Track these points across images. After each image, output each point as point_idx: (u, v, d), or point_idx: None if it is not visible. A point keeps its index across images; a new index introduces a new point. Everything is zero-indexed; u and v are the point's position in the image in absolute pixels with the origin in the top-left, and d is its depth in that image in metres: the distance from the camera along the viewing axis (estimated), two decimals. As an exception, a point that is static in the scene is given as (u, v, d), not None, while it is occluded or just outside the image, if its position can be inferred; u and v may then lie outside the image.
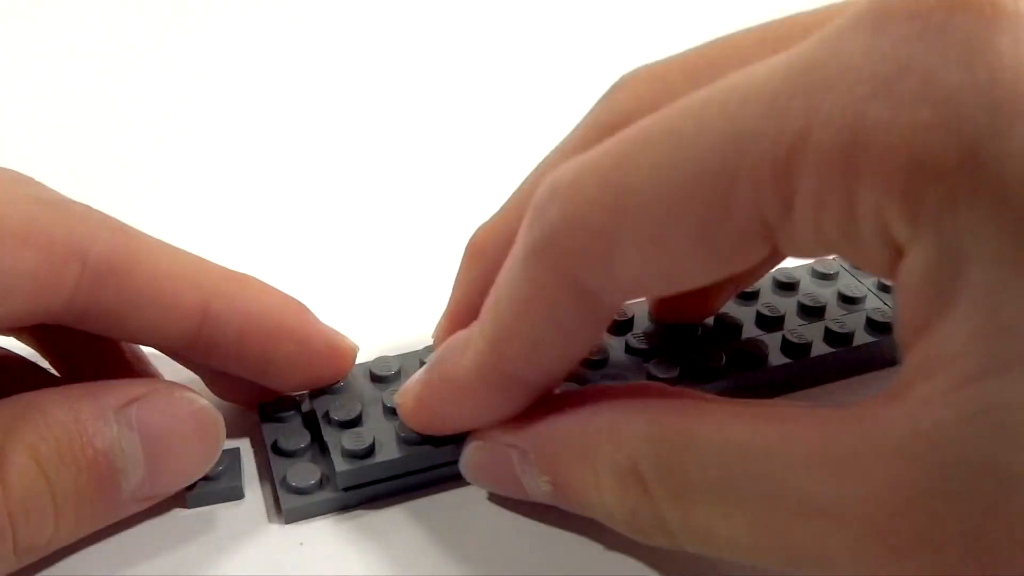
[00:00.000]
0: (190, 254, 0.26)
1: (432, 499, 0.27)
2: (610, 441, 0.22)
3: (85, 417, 0.22)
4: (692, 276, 0.20)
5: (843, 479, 0.18)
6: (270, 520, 0.26)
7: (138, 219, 0.26)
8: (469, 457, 0.25)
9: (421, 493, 0.27)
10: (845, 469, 0.18)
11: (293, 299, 0.27)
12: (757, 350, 0.29)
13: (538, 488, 0.24)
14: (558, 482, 0.23)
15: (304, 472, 0.26)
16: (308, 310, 0.27)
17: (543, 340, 0.22)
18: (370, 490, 0.26)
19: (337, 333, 0.28)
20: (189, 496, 0.26)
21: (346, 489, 0.26)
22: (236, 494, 0.26)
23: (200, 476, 0.25)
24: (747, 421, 0.20)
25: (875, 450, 0.18)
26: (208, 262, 0.26)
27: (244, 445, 0.28)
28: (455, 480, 0.27)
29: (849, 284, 0.32)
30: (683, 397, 0.22)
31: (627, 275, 0.20)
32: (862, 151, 0.17)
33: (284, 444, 0.27)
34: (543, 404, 0.24)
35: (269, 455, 0.27)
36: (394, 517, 0.26)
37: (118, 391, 0.23)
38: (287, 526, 0.26)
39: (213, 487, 0.26)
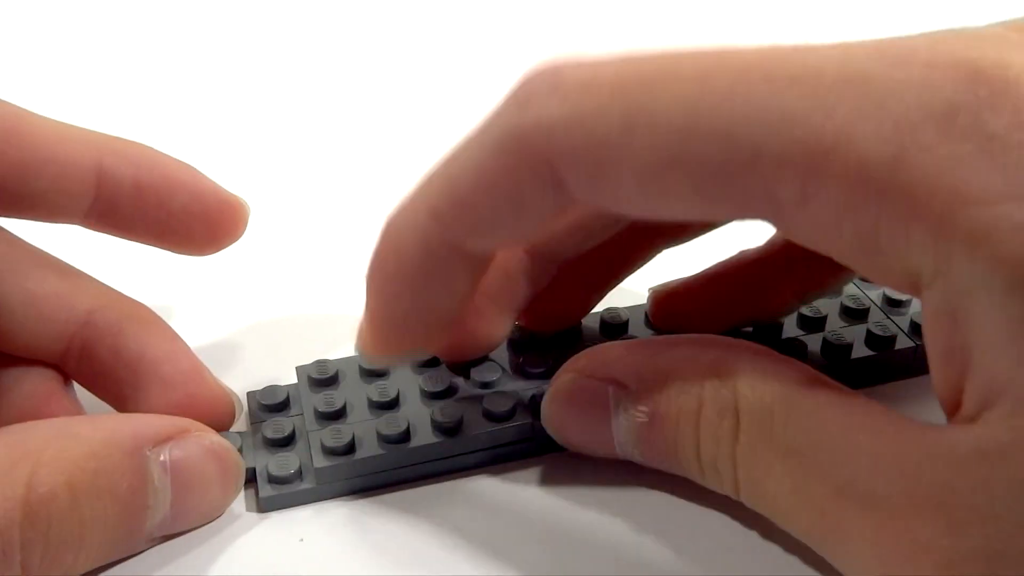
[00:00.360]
0: (73, 125, 0.26)
1: (430, 490, 0.27)
2: (718, 376, 0.22)
3: (124, 451, 0.22)
4: (679, 214, 0.20)
5: (894, 476, 0.19)
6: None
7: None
8: (560, 388, 0.25)
9: (411, 485, 0.27)
10: (900, 468, 0.19)
11: (179, 159, 0.28)
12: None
13: (631, 422, 0.24)
14: (658, 413, 0.23)
15: (283, 462, 0.26)
16: (195, 167, 0.28)
17: (500, 217, 0.22)
18: (348, 484, 0.26)
19: (226, 189, 0.28)
20: None
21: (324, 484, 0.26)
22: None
23: (216, 517, 0.25)
24: (841, 403, 0.21)
25: (935, 459, 0.19)
26: (92, 129, 0.27)
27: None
28: (437, 476, 0.27)
29: (854, 295, 0.31)
30: (783, 358, 0.23)
31: (613, 191, 0.20)
32: (903, 172, 0.17)
33: (268, 432, 0.27)
34: (643, 343, 0.25)
35: (253, 443, 0.27)
36: (394, 514, 0.26)
37: (152, 427, 0.23)
38: (285, 521, 0.25)
39: None
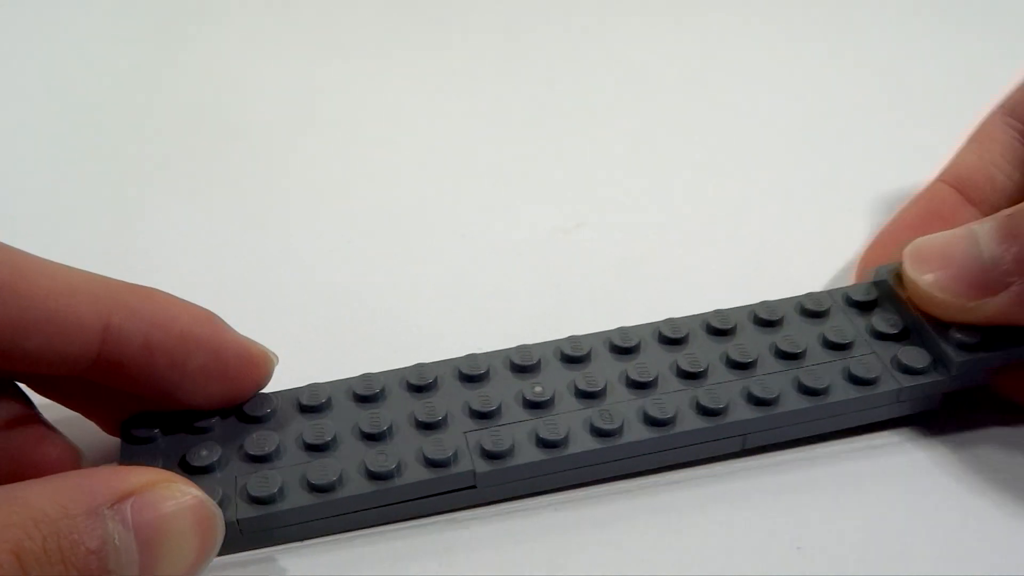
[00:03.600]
0: (85, 271, 0.25)
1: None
2: None
3: (76, 512, 0.20)
4: None
5: None
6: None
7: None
8: None
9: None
10: None
11: (202, 308, 0.26)
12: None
13: None
14: None
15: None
16: (219, 318, 0.26)
17: None
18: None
19: (252, 341, 0.27)
20: None
21: None
22: None
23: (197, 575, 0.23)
24: None
25: None
26: (106, 277, 0.25)
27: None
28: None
29: (838, 325, 0.29)
30: None
31: None
32: None
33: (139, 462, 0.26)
34: None
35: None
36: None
37: (110, 483, 0.21)
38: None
39: None
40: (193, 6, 0.55)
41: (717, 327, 0.29)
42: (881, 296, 0.29)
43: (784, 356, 0.28)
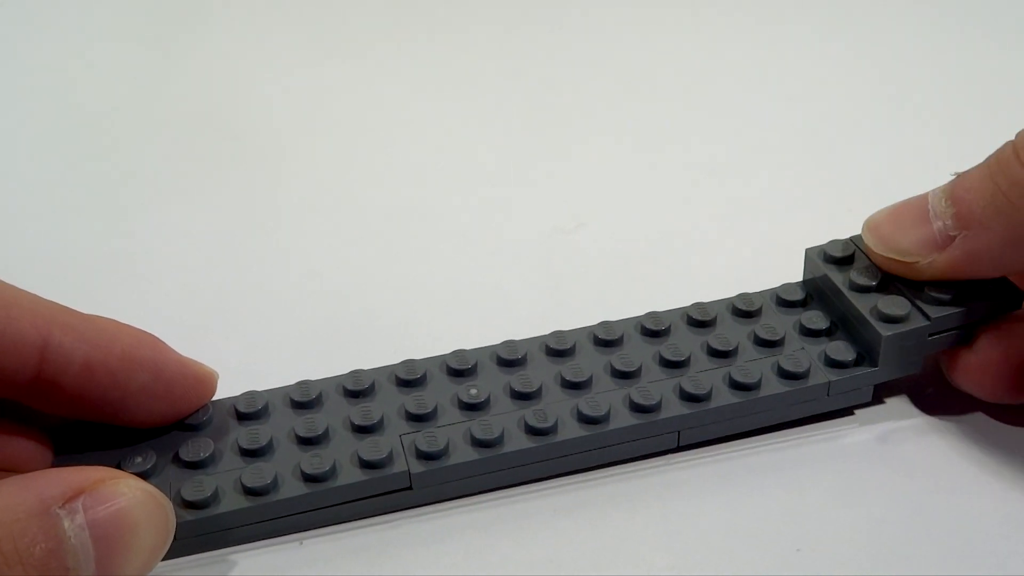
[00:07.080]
0: (23, 290, 0.24)
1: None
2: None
3: (29, 514, 0.20)
4: None
5: None
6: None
7: None
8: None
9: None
10: None
11: (143, 331, 0.26)
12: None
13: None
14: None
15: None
16: (160, 340, 0.26)
17: None
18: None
19: (194, 361, 0.27)
20: None
21: None
22: None
23: (151, 569, 0.23)
24: None
25: None
26: (46, 299, 0.25)
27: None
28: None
29: (769, 324, 0.29)
30: None
31: None
32: None
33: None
34: None
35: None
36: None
37: (60, 482, 0.21)
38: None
39: None
40: (195, 8, 0.55)
41: (651, 328, 0.29)
42: (809, 294, 0.30)
43: (716, 354, 0.28)
